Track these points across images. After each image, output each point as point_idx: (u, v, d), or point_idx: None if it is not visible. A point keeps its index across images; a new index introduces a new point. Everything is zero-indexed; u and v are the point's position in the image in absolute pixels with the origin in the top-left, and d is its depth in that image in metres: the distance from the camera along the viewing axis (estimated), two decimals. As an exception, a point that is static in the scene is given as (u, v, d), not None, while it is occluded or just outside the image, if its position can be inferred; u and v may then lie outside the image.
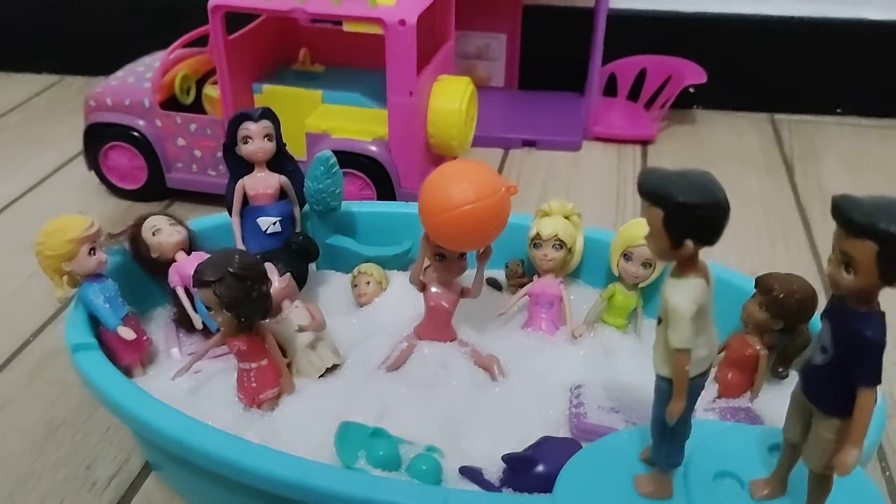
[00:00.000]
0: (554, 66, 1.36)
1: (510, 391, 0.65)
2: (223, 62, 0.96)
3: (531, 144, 1.25)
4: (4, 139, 1.29)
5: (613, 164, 1.21)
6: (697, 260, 0.41)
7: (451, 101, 0.98)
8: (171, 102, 1.04)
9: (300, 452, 0.55)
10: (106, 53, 1.28)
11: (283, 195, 0.75)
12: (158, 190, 1.07)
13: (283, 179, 0.74)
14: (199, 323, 0.69)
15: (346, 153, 0.94)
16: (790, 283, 0.62)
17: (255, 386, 0.62)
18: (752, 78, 1.35)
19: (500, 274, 0.78)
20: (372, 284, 0.76)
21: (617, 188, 1.14)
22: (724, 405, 0.64)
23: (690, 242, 0.40)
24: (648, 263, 0.70)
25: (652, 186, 0.40)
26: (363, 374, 0.67)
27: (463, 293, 0.68)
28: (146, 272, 0.72)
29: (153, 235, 0.70)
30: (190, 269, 0.61)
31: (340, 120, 0.98)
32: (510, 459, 0.55)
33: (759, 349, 0.63)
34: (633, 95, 1.32)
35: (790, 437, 0.45)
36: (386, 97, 0.93)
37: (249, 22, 1.04)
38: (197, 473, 0.58)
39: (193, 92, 1.08)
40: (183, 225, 0.72)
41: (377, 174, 0.97)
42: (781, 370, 0.64)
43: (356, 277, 0.77)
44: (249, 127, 0.71)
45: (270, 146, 0.72)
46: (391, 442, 0.56)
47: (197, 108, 1.06)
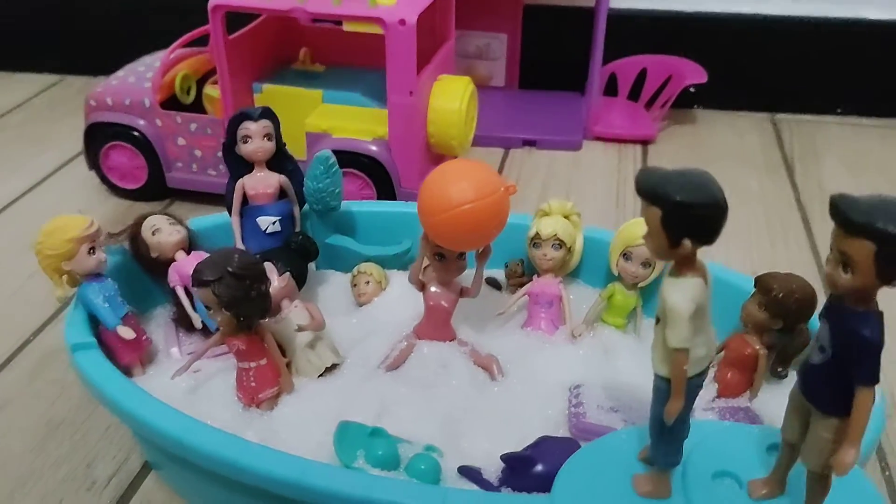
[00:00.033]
0: (554, 65, 1.36)
1: (509, 391, 0.65)
2: (223, 62, 0.96)
3: (531, 144, 1.25)
4: (5, 139, 1.29)
5: (614, 163, 1.21)
6: (696, 259, 0.41)
7: (451, 100, 0.98)
8: (171, 102, 1.04)
9: (299, 452, 0.55)
10: (106, 53, 1.28)
11: (282, 195, 0.75)
12: (159, 189, 1.07)
13: (282, 179, 0.74)
14: (198, 322, 0.69)
15: (346, 153, 0.94)
16: (789, 282, 0.62)
17: (254, 385, 0.62)
18: (752, 78, 1.35)
19: (499, 273, 0.78)
20: (371, 284, 0.76)
21: (617, 188, 1.14)
22: (723, 405, 0.64)
23: (688, 242, 0.40)
24: (648, 263, 0.70)
25: (650, 185, 0.40)
26: (362, 373, 0.67)
27: (462, 293, 0.68)
28: (146, 272, 0.72)
29: (153, 235, 0.70)
30: (189, 268, 0.61)
31: (341, 119, 0.98)
32: (509, 459, 0.54)
33: (758, 349, 0.63)
34: (633, 95, 1.32)
35: (788, 436, 0.45)
36: (386, 97, 0.93)
37: (250, 21, 1.04)
38: (196, 473, 0.58)
39: (194, 91, 1.08)
40: (182, 224, 0.72)
41: (377, 174, 0.97)
42: (781, 370, 0.64)
43: (356, 277, 0.77)
44: (249, 126, 0.71)
45: (270, 146, 0.72)
46: (390, 441, 0.56)
47: (197, 107, 1.07)
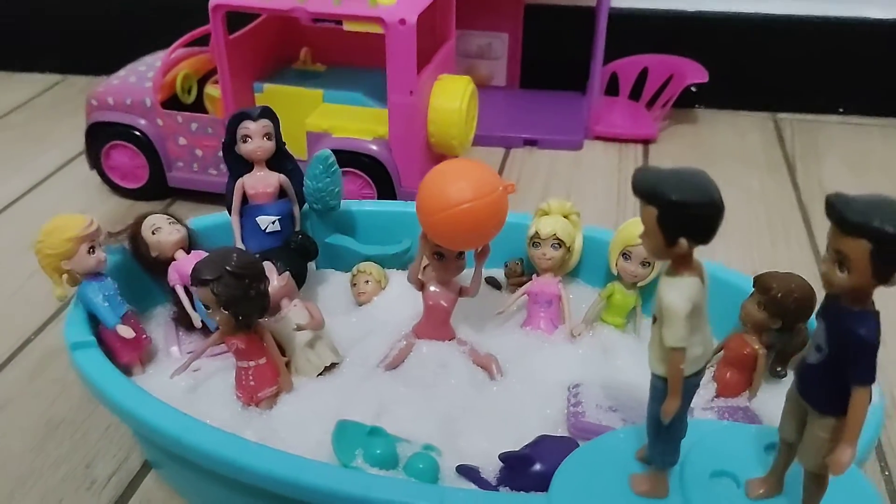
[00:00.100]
0: (555, 65, 1.36)
1: (508, 390, 0.65)
2: (224, 61, 0.96)
3: (533, 143, 1.25)
4: (7, 138, 1.29)
5: (615, 163, 1.21)
6: (692, 258, 0.41)
7: (451, 100, 0.98)
8: (172, 102, 1.04)
9: (298, 451, 0.55)
10: (108, 53, 1.29)
11: (282, 194, 0.75)
12: (160, 189, 1.07)
13: (282, 178, 0.74)
14: (198, 321, 0.69)
15: (346, 152, 0.95)
16: (788, 282, 0.62)
17: (253, 384, 0.62)
18: (754, 77, 1.35)
19: (499, 273, 0.78)
20: (371, 283, 0.76)
21: (618, 188, 1.14)
22: (722, 404, 0.64)
23: (684, 241, 0.40)
24: (647, 262, 0.69)
25: (646, 185, 0.40)
26: (361, 372, 0.67)
27: (461, 292, 0.68)
28: (146, 271, 0.72)
29: (153, 234, 0.70)
30: (189, 267, 0.61)
31: (341, 119, 0.98)
32: (507, 458, 0.54)
33: (757, 348, 0.63)
34: (634, 95, 1.32)
35: (786, 436, 0.45)
36: (386, 96, 0.93)
37: (250, 21, 1.04)
38: (196, 472, 0.58)
39: (195, 91, 1.08)
40: (182, 224, 0.72)
41: (378, 173, 0.97)
42: (780, 369, 0.64)
43: (355, 276, 0.77)
44: (249, 126, 0.71)
45: (270, 145, 0.72)
46: (388, 440, 0.56)
47: (198, 107, 1.07)
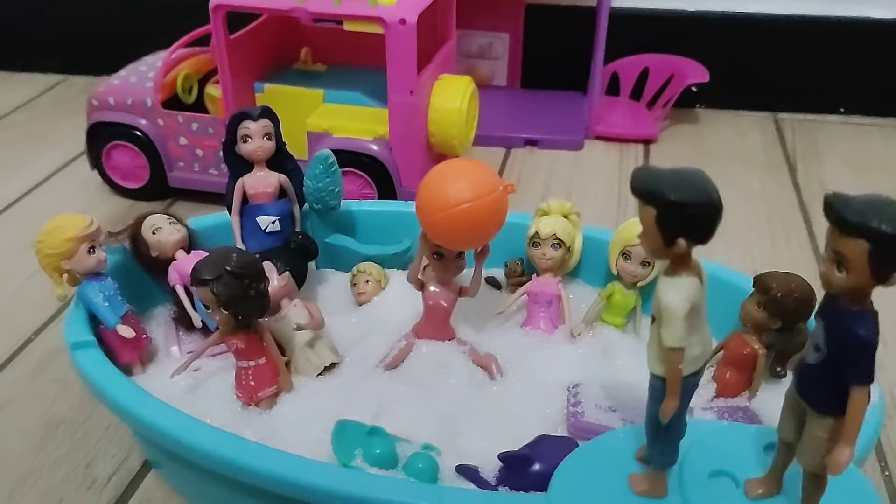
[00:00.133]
0: (556, 65, 1.36)
1: (508, 390, 0.65)
2: (225, 61, 0.96)
3: (533, 143, 1.25)
4: (9, 138, 1.29)
5: (615, 163, 1.21)
6: (691, 258, 0.41)
7: (452, 100, 0.98)
8: (173, 102, 1.05)
9: (298, 451, 0.55)
10: (109, 53, 1.29)
11: (282, 194, 0.75)
12: (160, 189, 1.08)
13: (282, 178, 0.74)
14: (198, 321, 0.69)
15: (347, 152, 0.95)
16: (788, 282, 0.62)
17: (253, 384, 0.62)
18: (754, 77, 1.35)
19: (499, 273, 0.78)
20: (371, 283, 0.76)
21: (619, 187, 1.14)
22: (722, 404, 0.64)
23: (683, 241, 0.40)
24: (647, 262, 0.69)
25: (644, 185, 0.40)
26: (361, 372, 0.67)
27: (461, 292, 0.68)
28: (146, 271, 0.72)
29: (153, 234, 0.70)
30: (189, 267, 0.61)
31: (341, 119, 0.99)
32: (507, 458, 0.54)
33: (757, 348, 0.63)
34: (635, 94, 1.32)
35: (784, 436, 0.45)
36: (387, 96, 0.93)
37: (251, 21, 1.04)
38: (195, 471, 0.58)
39: (195, 91, 1.08)
40: (182, 224, 0.72)
41: (378, 173, 0.97)
42: (779, 369, 0.64)
43: (355, 276, 0.77)
44: (249, 126, 0.71)
45: (270, 145, 0.72)
46: (388, 440, 0.56)
47: (199, 107, 1.07)
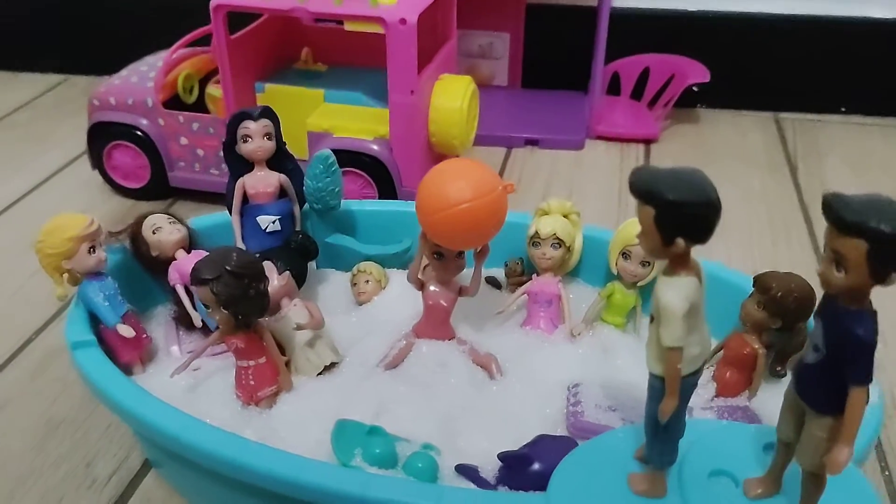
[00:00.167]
0: (557, 64, 1.36)
1: (508, 390, 0.65)
2: (225, 61, 0.96)
3: (534, 143, 1.25)
4: (10, 138, 1.29)
5: (616, 163, 1.21)
6: (689, 258, 0.41)
7: (452, 99, 0.98)
8: (173, 101, 1.05)
9: (298, 450, 0.55)
10: (110, 53, 1.29)
11: (282, 194, 0.75)
12: (161, 189, 1.08)
13: (282, 178, 0.74)
14: (198, 321, 0.69)
15: (347, 152, 0.95)
16: (788, 281, 0.62)
17: (253, 384, 0.62)
18: (755, 76, 1.34)
19: (499, 272, 0.78)
20: (371, 283, 0.76)
21: (620, 187, 1.14)
22: (722, 404, 0.64)
23: (682, 241, 0.40)
24: (647, 262, 0.69)
25: (643, 184, 0.40)
26: (361, 372, 0.67)
27: (461, 292, 0.68)
28: (146, 270, 0.72)
29: (153, 234, 0.70)
30: (189, 267, 0.61)
31: (342, 119, 0.99)
32: (506, 457, 0.55)
33: (757, 348, 0.63)
34: (636, 94, 1.32)
35: (783, 435, 0.45)
36: (388, 96, 0.93)
37: (252, 21, 1.04)
38: (195, 471, 0.58)
39: (196, 91, 1.09)
40: (183, 223, 0.72)
41: (379, 173, 0.98)
42: (779, 369, 0.64)
43: (355, 276, 0.77)
44: (249, 126, 0.71)
45: (270, 145, 0.72)
46: (388, 440, 0.56)
47: (200, 107, 1.07)
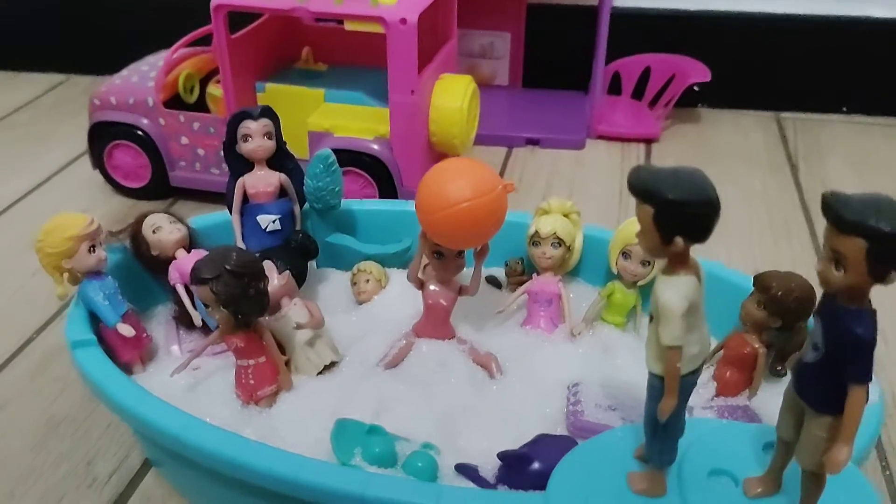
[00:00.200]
0: (558, 64, 1.36)
1: (508, 389, 0.65)
2: (226, 61, 0.96)
3: (535, 143, 1.25)
4: (11, 137, 1.30)
5: (617, 162, 1.21)
6: (689, 257, 0.41)
7: (452, 99, 0.98)
8: (174, 101, 1.05)
9: (298, 449, 0.55)
10: (111, 53, 1.29)
11: (283, 193, 0.75)
12: (162, 188, 1.08)
13: (282, 177, 0.74)
14: (198, 320, 0.69)
15: (348, 151, 0.95)
16: (788, 281, 0.61)
17: (252, 383, 0.62)
18: (756, 76, 1.34)
19: (499, 272, 0.78)
20: (371, 282, 0.76)
21: (620, 187, 1.14)
22: (722, 403, 0.64)
23: (681, 240, 0.40)
24: (647, 261, 0.69)
25: (642, 183, 0.40)
26: (361, 371, 0.67)
27: (461, 291, 0.68)
28: (146, 270, 0.73)
29: (153, 233, 0.70)
30: (190, 266, 0.61)
31: (342, 118, 0.99)
32: (506, 457, 0.54)
33: (757, 347, 0.63)
34: (637, 94, 1.32)
35: (783, 434, 0.45)
36: (388, 96, 0.93)
37: (252, 21, 1.04)
38: (195, 470, 0.58)
39: (197, 91, 1.09)
40: (183, 223, 0.72)
41: (379, 172, 0.98)
42: (780, 368, 0.64)
43: (356, 275, 0.77)
44: (249, 125, 0.71)
45: (270, 144, 0.72)
46: (387, 439, 0.56)
47: (200, 106, 1.07)
